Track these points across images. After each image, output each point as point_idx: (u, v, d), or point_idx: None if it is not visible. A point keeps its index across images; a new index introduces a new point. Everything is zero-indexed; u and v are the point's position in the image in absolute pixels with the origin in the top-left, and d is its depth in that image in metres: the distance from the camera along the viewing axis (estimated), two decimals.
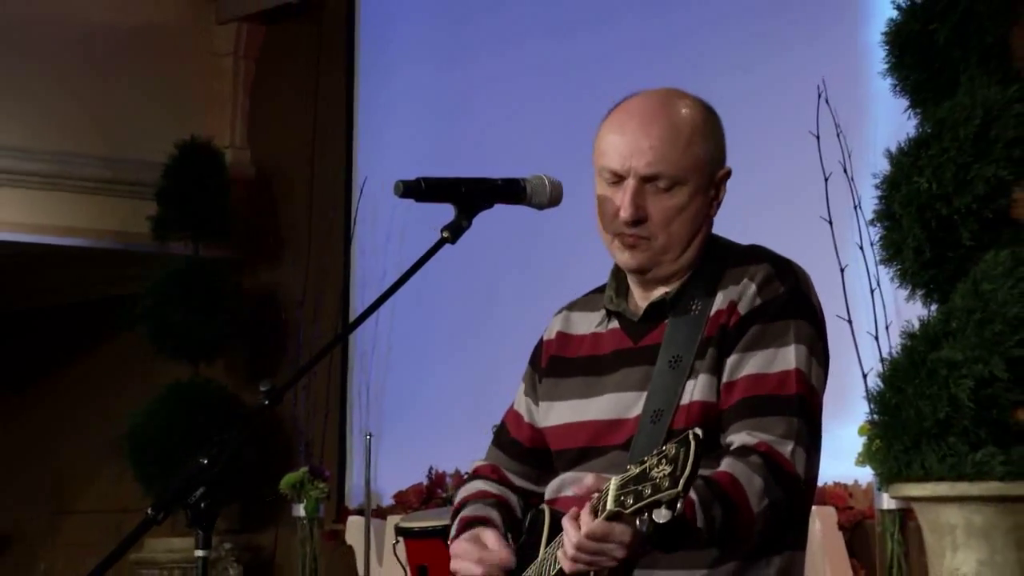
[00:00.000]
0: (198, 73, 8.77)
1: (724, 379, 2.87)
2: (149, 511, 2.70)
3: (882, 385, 5.06)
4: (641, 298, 2.99)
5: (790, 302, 2.91)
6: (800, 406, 2.85)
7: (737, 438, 2.83)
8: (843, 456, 5.64)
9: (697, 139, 2.93)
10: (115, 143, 8.44)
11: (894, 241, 5.11)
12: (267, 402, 2.85)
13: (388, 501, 7.50)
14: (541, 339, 3.13)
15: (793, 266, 2.97)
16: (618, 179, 2.91)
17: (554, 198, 2.98)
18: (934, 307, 5.07)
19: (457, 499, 3.16)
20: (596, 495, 2.62)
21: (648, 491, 2.50)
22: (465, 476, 3.23)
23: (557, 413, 3.03)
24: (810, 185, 5.86)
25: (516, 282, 6.32)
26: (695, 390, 2.86)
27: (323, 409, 8.04)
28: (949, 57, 5.09)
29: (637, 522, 2.55)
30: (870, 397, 5.24)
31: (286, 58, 8.69)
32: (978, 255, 4.95)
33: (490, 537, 2.96)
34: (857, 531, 5.92)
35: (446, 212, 3.03)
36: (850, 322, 5.72)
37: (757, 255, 2.97)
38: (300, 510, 7.75)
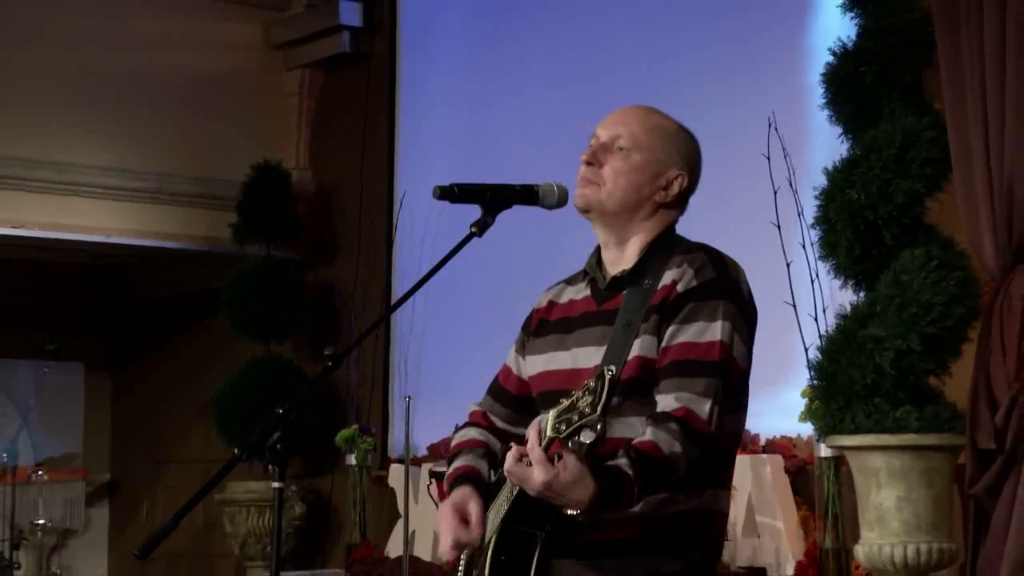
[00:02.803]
0: (270, 110, 8.76)
1: (663, 345, 2.86)
2: (236, 451, 2.69)
3: (820, 356, 5.05)
4: (608, 270, 3.02)
5: (720, 285, 2.89)
6: (720, 370, 2.84)
7: (662, 399, 2.83)
8: (789, 414, 5.63)
9: (659, 132, 3.02)
10: (204, 165, 8.43)
11: (830, 241, 5.10)
12: (330, 364, 2.85)
13: (423, 452, 7.49)
14: (533, 308, 3.15)
15: (726, 257, 2.97)
16: (596, 139, 3.03)
17: (561, 200, 3.00)
18: (862, 294, 5.06)
19: (454, 443, 3.16)
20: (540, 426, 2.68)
21: (576, 418, 2.58)
22: (465, 422, 3.22)
23: (537, 364, 3.05)
24: (762, 197, 5.86)
25: (528, 273, 6.31)
26: (638, 347, 2.87)
27: (370, 378, 8.04)
28: (875, 94, 5.09)
29: (570, 444, 2.61)
30: (811, 366, 5.22)
31: (341, 98, 8.68)
32: (898, 252, 4.95)
33: (473, 510, 2.94)
34: (800, 474, 5.90)
35: (472, 217, 3.03)
36: (794, 307, 5.70)
37: (699, 247, 2.98)
38: (352, 460, 7.75)
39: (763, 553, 5.69)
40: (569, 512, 2.70)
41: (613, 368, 2.55)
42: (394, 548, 7.20)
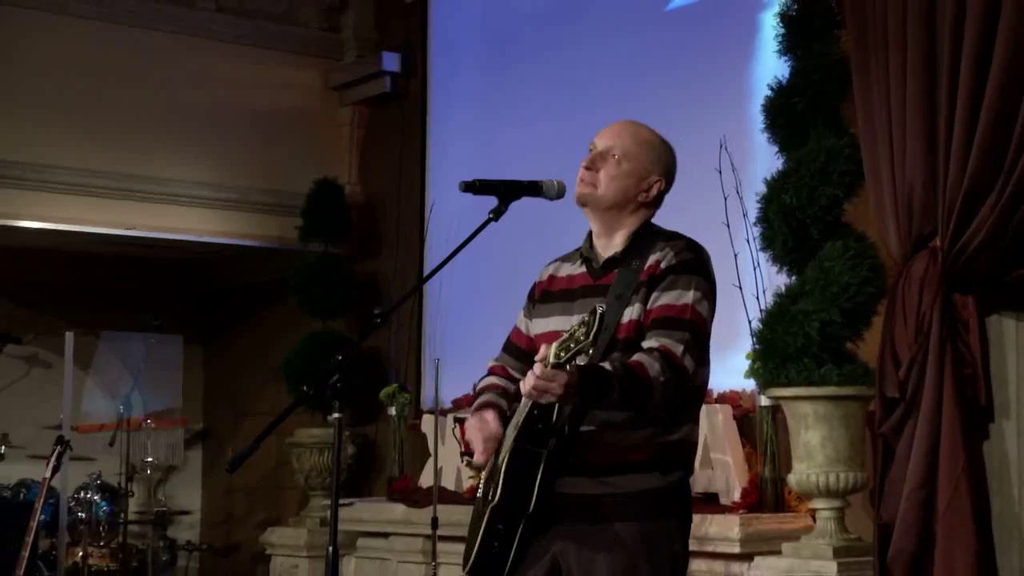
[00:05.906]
0: (327, 138, 8.75)
1: (648, 307, 2.89)
2: (304, 388, 2.68)
3: (761, 326, 5.05)
4: (601, 254, 3.02)
5: (695, 264, 2.93)
6: (690, 327, 2.86)
7: (647, 342, 2.85)
8: (736, 373, 5.61)
9: (646, 145, 3.04)
10: (275, 180, 8.42)
11: (769, 236, 5.10)
12: (379, 321, 2.84)
13: (448, 404, 7.47)
14: (536, 281, 3.18)
15: (699, 245, 3.01)
16: (593, 147, 3.05)
17: (560, 193, 3.03)
18: (794, 277, 5.05)
19: (479, 386, 3.17)
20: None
21: (573, 345, 2.62)
22: (487, 372, 3.24)
23: (544, 325, 3.06)
24: (715, 202, 5.83)
25: (531, 263, 6.31)
26: (630, 313, 2.89)
27: (407, 345, 8.02)
28: (804, 120, 5.08)
29: (568, 367, 2.64)
30: (753, 334, 5.22)
31: (383, 128, 8.66)
32: (822, 245, 4.94)
33: (490, 416, 2.96)
34: (745, 421, 5.88)
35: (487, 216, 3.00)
36: (740, 288, 5.67)
37: (678, 236, 3.02)
38: (392, 411, 7.74)
39: (715, 482, 5.68)
40: (565, 408, 2.72)
41: (603, 305, 2.57)
42: (426, 480, 7.20)
